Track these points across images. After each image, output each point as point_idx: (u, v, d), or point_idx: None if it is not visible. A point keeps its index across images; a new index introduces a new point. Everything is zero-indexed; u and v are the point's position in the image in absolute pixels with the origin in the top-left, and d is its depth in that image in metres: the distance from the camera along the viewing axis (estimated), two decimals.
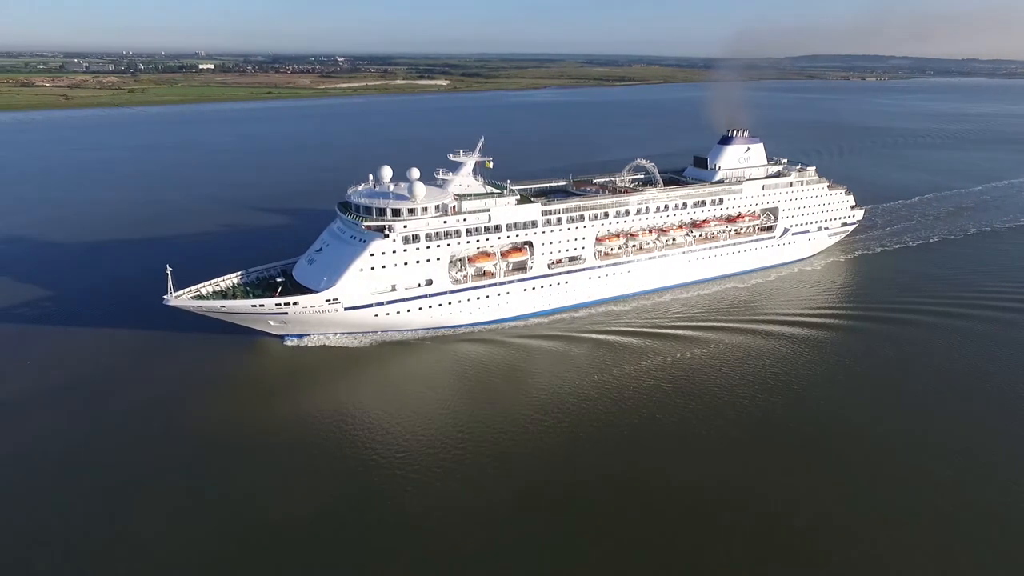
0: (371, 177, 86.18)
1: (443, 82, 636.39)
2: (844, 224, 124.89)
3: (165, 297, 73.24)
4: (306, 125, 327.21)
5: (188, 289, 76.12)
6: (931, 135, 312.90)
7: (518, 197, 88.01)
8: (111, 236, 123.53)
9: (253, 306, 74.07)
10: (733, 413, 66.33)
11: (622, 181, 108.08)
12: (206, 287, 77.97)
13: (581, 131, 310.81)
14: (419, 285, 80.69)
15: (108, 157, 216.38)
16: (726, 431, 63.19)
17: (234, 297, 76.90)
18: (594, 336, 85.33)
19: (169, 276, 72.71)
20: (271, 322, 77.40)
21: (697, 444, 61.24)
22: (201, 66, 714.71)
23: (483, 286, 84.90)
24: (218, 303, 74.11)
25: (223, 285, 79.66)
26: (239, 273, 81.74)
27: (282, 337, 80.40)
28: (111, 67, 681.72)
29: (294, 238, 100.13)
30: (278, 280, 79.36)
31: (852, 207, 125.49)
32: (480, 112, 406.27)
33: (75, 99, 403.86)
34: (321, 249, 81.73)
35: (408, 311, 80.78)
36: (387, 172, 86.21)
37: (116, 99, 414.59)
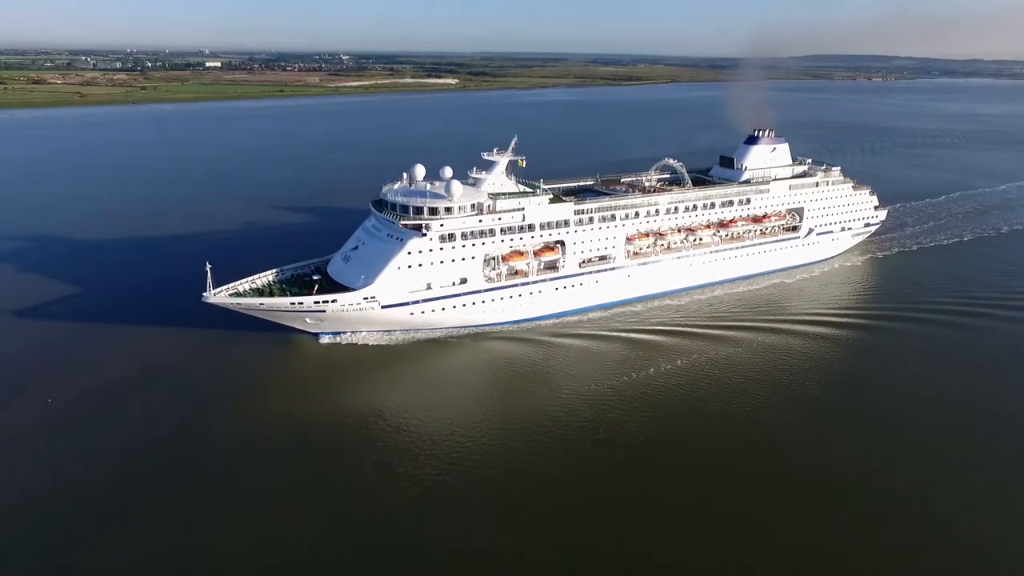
0: (405, 175, 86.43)
1: (452, 81, 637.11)
2: (867, 224, 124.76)
3: (205, 294, 73.56)
4: (326, 123, 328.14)
5: (226, 287, 76.44)
6: (946, 135, 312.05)
7: (551, 196, 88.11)
8: (144, 233, 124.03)
9: (292, 304, 74.35)
10: (768, 413, 66.62)
11: (648, 180, 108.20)
12: (243, 284, 78.28)
13: (598, 130, 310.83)
14: (453, 284, 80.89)
15: (136, 154, 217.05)
16: (766, 430, 63.47)
17: (271, 295, 77.23)
18: (626, 335, 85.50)
19: (209, 273, 73.06)
20: (308, 320, 77.68)
21: (738, 443, 61.43)
22: (208, 64, 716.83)
23: (516, 285, 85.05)
24: (257, 300, 74.43)
25: (259, 283, 79.95)
26: (274, 271, 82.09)
27: (317, 335, 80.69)
28: (118, 64, 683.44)
29: (326, 235, 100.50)
30: (314, 278, 79.51)
31: (876, 208, 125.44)
32: (494, 111, 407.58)
33: (89, 96, 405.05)
34: (357, 247, 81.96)
35: (443, 309, 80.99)
36: (420, 171, 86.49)
37: (130, 96, 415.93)
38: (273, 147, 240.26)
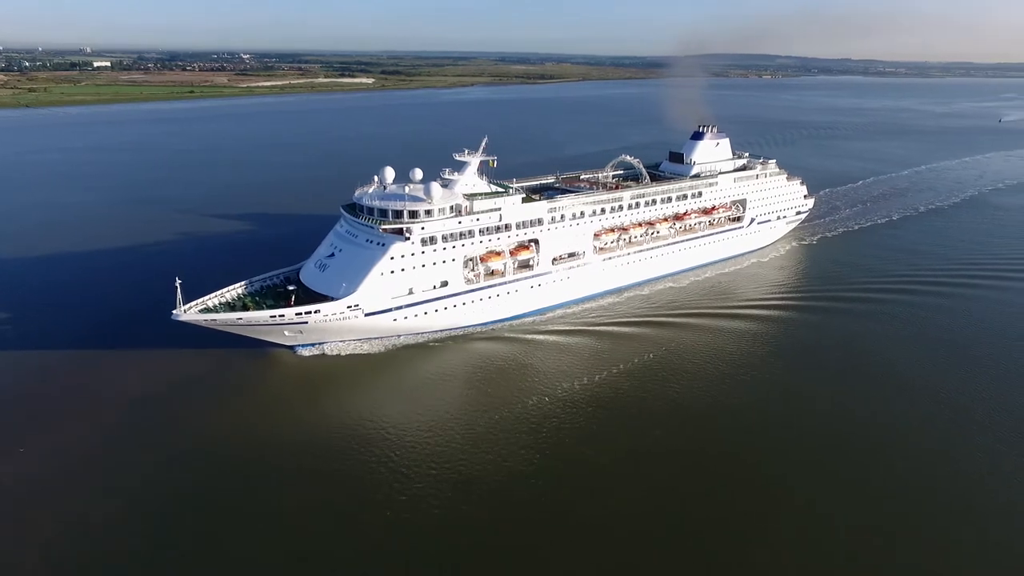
0: (376, 178, 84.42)
1: (368, 80, 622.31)
2: (798, 212, 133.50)
3: (175, 312, 68.92)
4: (256, 125, 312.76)
5: (195, 303, 71.96)
6: (841, 127, 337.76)
7: (523, 195, 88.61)
8: (93, 246, 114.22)
9: (272, 317, 70.91)
10: (745, 397, 70.50)
11: (605, 177, 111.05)
12: (212, 299, 74.03)
13: (532, 127, 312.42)
14: (435, 287, 79.84)
15: (60, 161, 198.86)
16: (747, 414, 67.17)
17: (244, 308, 73.39)
18: (602, 328, 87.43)
19: (179, 289, 68.46)
20: (287, 332, 74.34)
21: (728, 429, 64.72)
22: (96, 64, 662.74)
23: (494, 285, 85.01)
24: (234, 315, 70.46)
25: (228, 296, 75.85)
26: (243, 283, 78.11)
27: (293, 347, 77.41)
28: None
29: (288, 243, 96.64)
30: (289, 288, 76.32)
31: (805, 196, 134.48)
32: (425, 110, 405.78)
33: None
34: (333, 254, 79.13)
35: (425, 314, 79.76)
36: (390, 173, 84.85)
37: (20, 99, 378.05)
38: (209, 150, 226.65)
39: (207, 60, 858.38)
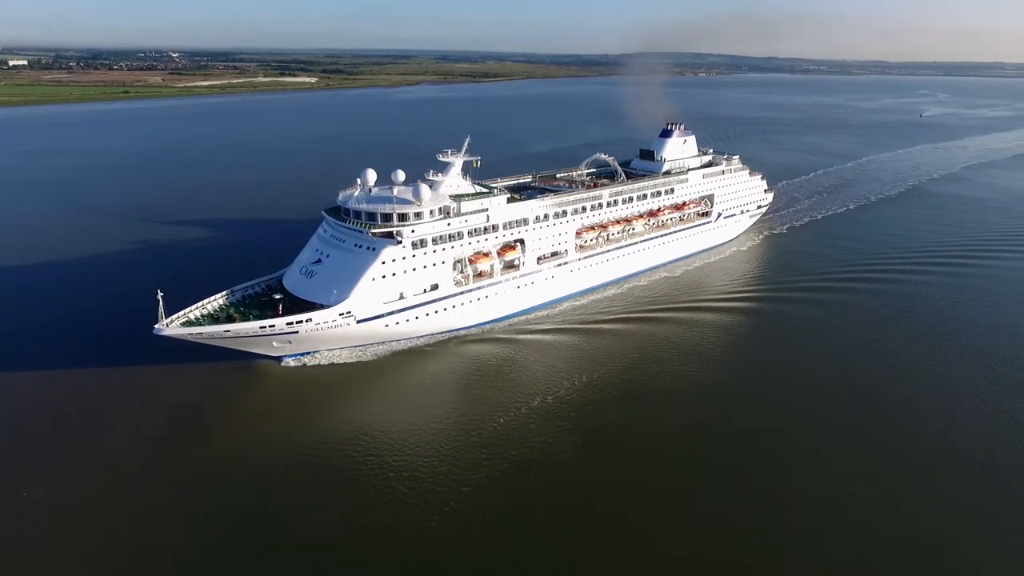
0: (358, 181, 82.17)
1: (310, 79, 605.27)
2: (759, 206, 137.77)
3: (157, 326, 65.18)
4: (205, 126, 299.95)
5: (176, 315, 68.32)
6: (783, 123, 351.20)
7: (508, 196, 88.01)
8: (57, 258, 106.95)
9: (262, 327, 67.91)
10: (734, 389, 72.09)
11: (580, 175, 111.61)
12: (194, 311, 70.43)
13: (490, 126, 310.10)
14: (425, 291, 78.35)
15: (8, 167, 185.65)
16: (736, 403, 68.81)
17: (229, 319, 70.04)
18: (588, 326, 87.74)
19: (161, 303, 64.78)
20: (275, 343, 71.43)
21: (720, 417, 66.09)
22: (12, 62, 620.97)
23: (483, 286, 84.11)
24: (221, 328, 67.11)
25: (210, 307, 72.28)
26: (223, 293, 74.67)
27: (279, 358, 74.51)
28: None
29: (266, 249, 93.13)
30: (275, 297, 73.26)
31: (765, 190, 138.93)
32: (379, 109, 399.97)
33: None
34: (319, 260, 76.45)
35: (416, 318, 78.16)
36: (372, 175, 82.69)
37: None
38: (163, 153, 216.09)
39: (134, 59, 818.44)
